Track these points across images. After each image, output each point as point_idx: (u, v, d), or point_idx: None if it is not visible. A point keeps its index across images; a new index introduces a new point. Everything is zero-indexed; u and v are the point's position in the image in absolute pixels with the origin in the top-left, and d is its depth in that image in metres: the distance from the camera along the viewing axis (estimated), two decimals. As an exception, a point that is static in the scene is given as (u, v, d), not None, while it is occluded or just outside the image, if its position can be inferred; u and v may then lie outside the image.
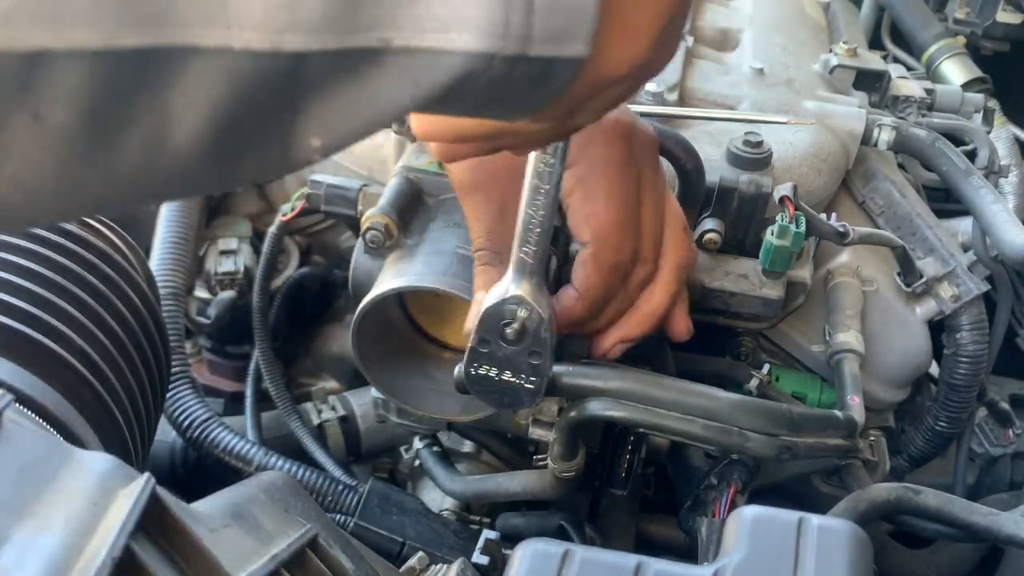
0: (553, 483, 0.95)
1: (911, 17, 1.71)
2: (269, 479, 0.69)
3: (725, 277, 1.02)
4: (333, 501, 1.08)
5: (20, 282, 0.75)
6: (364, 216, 1.02)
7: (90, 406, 0.74)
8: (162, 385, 0.91)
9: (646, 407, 0.82)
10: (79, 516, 0.46)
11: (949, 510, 0.90)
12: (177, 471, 1.21)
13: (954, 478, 1.26)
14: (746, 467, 0.99)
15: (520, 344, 0.77)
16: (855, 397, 0.98)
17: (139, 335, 0.84)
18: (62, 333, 0.74)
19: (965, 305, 1.09)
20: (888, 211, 1.15)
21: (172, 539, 0.49)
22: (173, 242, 1.24)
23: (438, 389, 1.04)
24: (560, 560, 0.64)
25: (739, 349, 1.15)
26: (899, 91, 1.29)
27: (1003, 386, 1.37)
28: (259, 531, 0.59)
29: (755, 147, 1.01)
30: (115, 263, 0.84)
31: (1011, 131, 1.58)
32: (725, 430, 0.81)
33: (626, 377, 0.84)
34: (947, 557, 1.29)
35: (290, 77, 0.32)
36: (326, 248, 1.48)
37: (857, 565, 0.64)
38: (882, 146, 1.16)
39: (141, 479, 0.48)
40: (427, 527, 1.04)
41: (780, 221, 0.96)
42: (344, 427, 1.25)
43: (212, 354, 1.45)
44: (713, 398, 0.83)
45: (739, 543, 0.66)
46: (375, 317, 0.97)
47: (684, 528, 1.06)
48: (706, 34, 1.37)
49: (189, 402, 1.13)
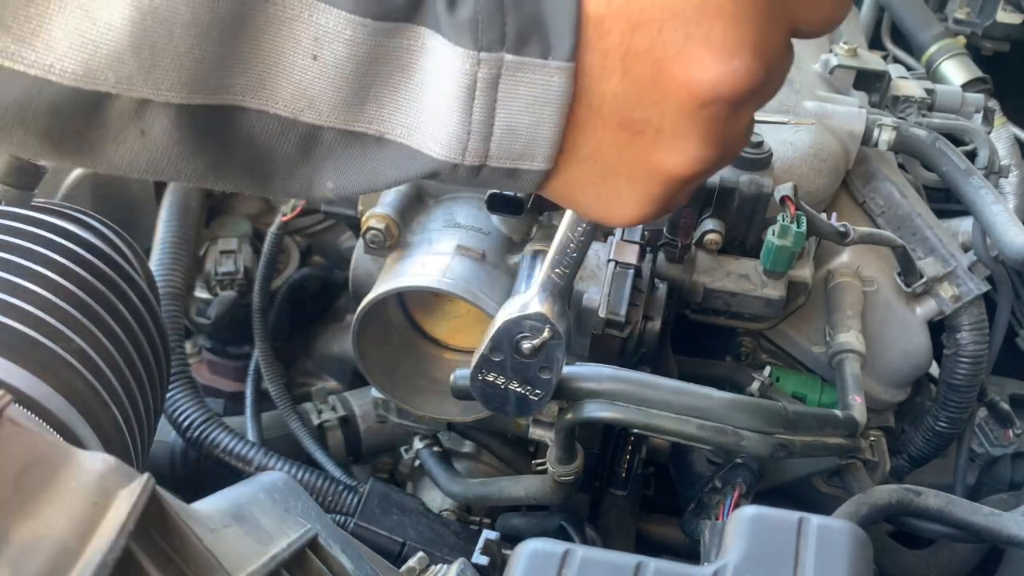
0: (553, 487, 0.95)
1: (911, 17, 1.71)
2: (269, 479, 0.69)
3: (726, 277, 1.02)
4: (333, 501, 1.08)
5: (20, 282, 0.75)
6: (364, 216, 1.02)
7: (90, 406, 0.74)
8: (162, 385, 0.91)
9: (641, 408, 0.82)
10: (79, 516, 0.45)
11: (950, 511, 0.90)
12: (177, 471, 1.21)
13: (954, 478, 1.26)
14: (750, 471, 0.99)
15: (533, 359, 0.78)
16: (856, 397, 0.98)
17: (139, 335, 0.84)
18: (62, 333, 0.74)
19: (965, 305, 1.09)
20: (888, 211, 1.15)
21: (172, 539, 0.49)
22: (173, 242, 1.24)
23: (438, 389, 1.04)
24: (560, 560, 0.64)
25: (740, 349, 1.15)
26: (899, 91, 1.29)
27: (1003, 386, 1.37)
28: (259, 531, 0.59)
29: (755, 147, 1.01)
30: (115, 263, 0.84)
31: (1011, 131, 1.58)
32: (720, 429, 0.81)
33: (621, 378, 0.83)
34: (947, 557, 1.29)
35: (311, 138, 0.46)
36: (326, 248, 1.48)
37: (857, 565, 0.64)
38: (882, 146, 1.16)
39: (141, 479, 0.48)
40: (427, 527, 1.03)
41: (781, 221, 0.96)
42: (344, 427, 1.25)
43: (212, 354, 1.45)
44: (708, 398, 0.83)
45: (739, 543, 0.66)
46: (375, 317, 0.97)
47: (687, 532, 1.06)
48: (706, 34, 1.36)
49: (189, 402, 1.13)
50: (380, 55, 0.44)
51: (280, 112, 0.45)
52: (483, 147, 0.46)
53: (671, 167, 0.48)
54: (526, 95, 0.45)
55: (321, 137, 0.46)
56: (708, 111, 0.46)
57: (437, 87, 0.45)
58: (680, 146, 0.47)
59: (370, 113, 0.45)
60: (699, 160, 0.48)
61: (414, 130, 0.46)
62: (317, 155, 0.47)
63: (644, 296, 0.94)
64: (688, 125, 0.46)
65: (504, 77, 0.45)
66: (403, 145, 0.46)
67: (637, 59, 0.45)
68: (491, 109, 0.45)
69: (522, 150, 0.47)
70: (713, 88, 0.45)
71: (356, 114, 0.45)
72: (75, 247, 0.81)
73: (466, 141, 0.46)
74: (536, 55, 0.44)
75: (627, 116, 0.46)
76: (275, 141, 0.46)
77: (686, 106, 0.46)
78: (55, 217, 0.84)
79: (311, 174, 0.47)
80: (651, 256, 1.00)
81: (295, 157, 0.47)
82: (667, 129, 0.47)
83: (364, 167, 0.47)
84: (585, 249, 0.74)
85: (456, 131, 0.45)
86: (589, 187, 0.50)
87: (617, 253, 0.95)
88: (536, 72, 0.45)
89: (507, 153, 0.46)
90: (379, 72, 0.45)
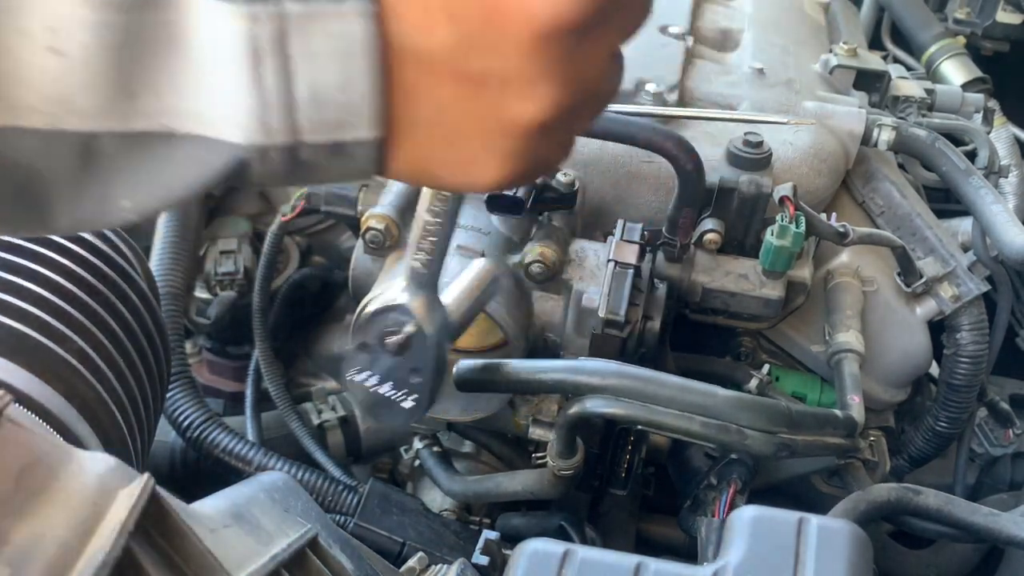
0: (552, 481, 0.95)
1: (911, 17, 1.71)
2: (269, 479, 0.69)
3: (725, 277, 1.02)
4: (333, 501, 1.08)
5: (21, 283, 0.75)
6: (364, 216, 1.02)
7: (90, 406, 0.74)
8: (162, 385, 0.91)
9: (644, 404, 0.82)
10: (79, 516, 0.45)
11: (949, 510, 0.90)
12: (177, 471, 1.21)
13: (954, 478, 1.26)
14: (745, 466, 0.99)
15: (401, 357, 0.72)
16: (855, 397, 0.98)
17: (139, 335, 0.84)
18: (62, 333, 0.74)
19: (965, 305, 1.09)
20: (888, 211, 1.15)
21: (172, 539, 0.49)
22: (173, 242, 1.24)
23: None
24: (560, 560, 0.64)
25: (739, 349, 1.15)
26: (899, 91, 1.29)
27: (1003, 386, 1.37)
28: (259, 531, 0.59)
29: (755, 147, 1.01)
30: (115, 263, 0.84)
31: (1011, 131, 1.58)
32: (724, 427, 0.81)
33: (624, 374, 0.83)
34: (947, 557, 1.29)
35: (87, 149, 0.39)
36: (326, 248, 1.48)
37: (857, 565, 0.64)
38: (882, 146, 1.16)
39: (141, 479, 0.48)
40: (427, 527, 1.03)
41: (780, 221, 0.96)
42: (344, 427, 1.25)
43: (212, 354, 1.45)
44: (711, 395, 0.83)
45: (739, 543, 0.66)
46: (375, 317, 0.97)
47: (684, 528, 1.06)
48: (706, 34, 1.37)
49: (189, 402, 1.13)
50: (137, 36, 0.38)
51: (35, 125, 0.38)
52: (288, 120, 0.39)
53: (525, 116, 0.42)
54: (325, 49, 0.39)
55: (99, 146, 0.39)
56: (552, 45, 0.40)
57: (216, 60, 0.38)
58: (530, 91, 0.42)
59: (146, 107, 0.39)
60: (554, 104, 0.42)
61: (203, 117, 0.39)
62: (101, 168, 0.40)
63: (644, 296, 0.94)
64: (533, 66, 0.41)
65: (293, 32, 0.38)
66: (197, 137, 0.40)
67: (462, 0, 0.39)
68: (285, 72, 0.39)
69: (338, 116, 0.40)
70: (552, 16, 0.39)
71: (129, 111, 0.39)
72: (75, 247, 0.81)
73: (266, 117, 0.39)
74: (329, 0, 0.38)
75: (464, 68, 0.41)
76: (42, 161, 0.39)
77: (527, 44, 0.40)
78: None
79: (101, 193, 0.40)
80: (651, 256, 1.00)
81: (75, 175, 0.40)
82: (512, 75, 0.41)
83: (160, 174, 0.40)
84: (447, 230, 0.68)
85: (251, 106, 0.39)
86: (439, 154, 0.44)
87: (617, 253, 0.95)
88: (330, 21, 0.39)
89: (321, 123, 0.40)
90: (142, 56, 0.38)
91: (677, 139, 0.95)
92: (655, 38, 1.28)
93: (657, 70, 1.19)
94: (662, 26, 1.31)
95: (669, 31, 1.30)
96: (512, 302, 0.95)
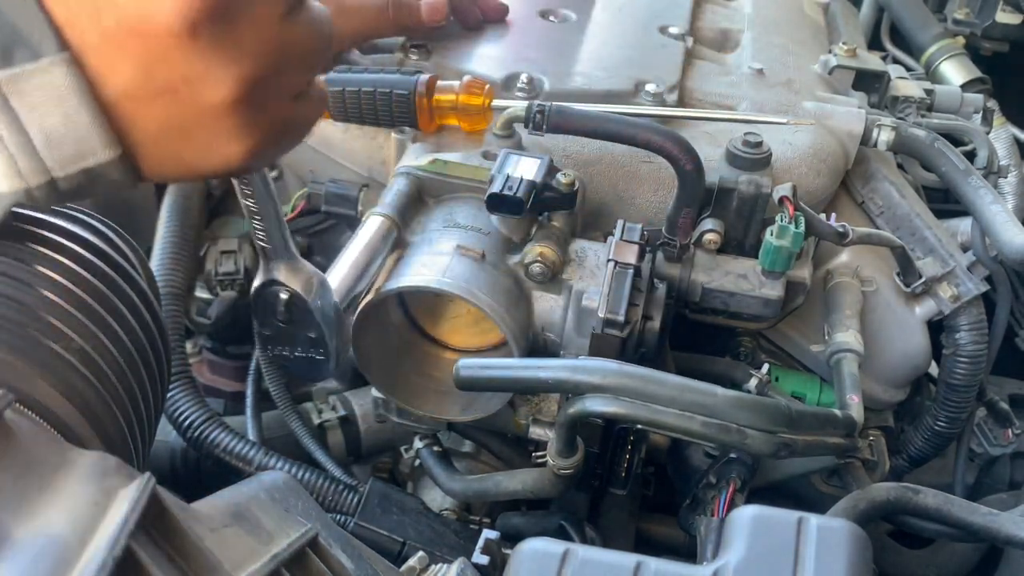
0: (552, 481, 0.95)
1: (910, 17, 1.71)
2: (269, 479, 0.69)
3: (724, 277, 1.02)
4: (333, 501, 1.08)
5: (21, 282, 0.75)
6: (364, 216, 1.02)
7: (91, 406, 0.74)
8: (162, 385, 0.90)
9: (644, 403, 0.82)
10: (79, 516, 0.46)
11: (948, 510, 0.90)
12: (177, 471, 1.21)
13: (954, 478, 1.27)
14: (744, 465, 0.99)
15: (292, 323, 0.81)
16: (854, 396, 0.98)
17: (139, 335, 0.84)
18: (63, 333, 0.74)
19: (964, 305, 1.09)
20: (888, 211, 1.15)
21: (172, 539, 0.49)
22: (173, 242, 1.24)
23: (438, 389, 1.04)
24: (560, 560, 0.64)
25: (739, 349, 1.15)
26: (899, 91, 1.29)
27: (1003, 386, 1.37)
28: (259, 531, 0.59)
29: (754, 147, 1.02)
30: (116, 263, 0.84)
31: (1010, 131, 1.58)
32: (724, 427, 0.81)
33: (624, 373, 0.83)
34: (947, 557, 1.29)
35: None
36: (326, 248, 1.48)
37: (857, 565, 0.64)
38: (881, 146, 1.16)
39: (141, 479, 0.48)
40: (427, 527, 1.04)
41: (780, 221, 0.97)
42: (344, 427, 1.25)
43: (212, 354, 1.45)
44: (712, 395, 0.83)
45: (739, 542, 0.66)
46: (375, 317, 0.98)
47: (684, 527, 1.06)
48: (706, 35, 1.37)
49: (189, 402, 1.13)
50: None
51: None
52: (35, 163, 0.47)
53: (221, 98, 0.49)
54: (41, 99, 0.46)
55: None
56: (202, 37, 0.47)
57: None
58: (211, 78, 0.49)
59: None
60: (240, 79, 0.49)
61: None
62: None
63: (643, 296, 0.94)
64: (198, 58, 0.48)
65: (11, 94, 0.46)
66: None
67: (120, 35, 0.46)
68: (17, 125, 0.46)
69: (76, 149, 0.48)
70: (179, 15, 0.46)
71: None
72: (76, 247, 0.81)
73: (17, 166, 0.47)
74: (28, 60, 0.45)
75: (156, 86, 0.48)
76: None
77: (175, 45, 0.47)
78: (55, 217, 0.84)
79: None
80: (650, 256, 1.00)
81: None
82: (188, 73, 0.48)
83: None
84: (267, 200, 0.74)
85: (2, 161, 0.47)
86: (181, 150, 0.51)
87: (616, 253, 0.95)
88: (35, 76, 0.46)
89: (64, 159, 0.48)
90: None
91: (677, 139, 0.95)
92: (655, 38, 1.28)
93: (657, 70, 1.19)
94: (662, 26, 1.31)
95: (669, 31, 1.30)
96: (512, 302, 0.95)
